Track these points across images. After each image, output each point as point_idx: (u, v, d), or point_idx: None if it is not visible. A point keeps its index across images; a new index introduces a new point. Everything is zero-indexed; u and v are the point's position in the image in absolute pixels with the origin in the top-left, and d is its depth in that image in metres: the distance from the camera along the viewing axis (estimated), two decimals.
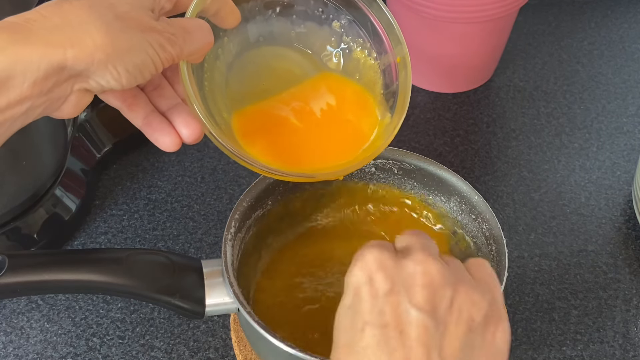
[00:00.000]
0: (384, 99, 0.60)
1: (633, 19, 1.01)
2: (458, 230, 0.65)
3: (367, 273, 0.43)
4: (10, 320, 0.69)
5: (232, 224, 0.60)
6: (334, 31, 0.60)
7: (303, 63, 0.60)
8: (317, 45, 0.60)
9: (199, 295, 0.56)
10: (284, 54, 0.60)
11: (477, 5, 0.80)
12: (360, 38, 0.60)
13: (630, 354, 0.67)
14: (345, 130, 0.59)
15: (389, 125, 0.59)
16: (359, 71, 0.60)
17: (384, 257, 0.44)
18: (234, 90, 0.58)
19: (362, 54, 0.60)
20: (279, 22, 0.59)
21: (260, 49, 0.59)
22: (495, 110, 0.89)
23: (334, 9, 0.59)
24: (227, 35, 0.57)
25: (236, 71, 0.58)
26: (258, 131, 0.57)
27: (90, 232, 0.75)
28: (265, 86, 0.59)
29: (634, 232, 0.76)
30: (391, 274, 0.43)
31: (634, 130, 0.86)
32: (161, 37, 0.45)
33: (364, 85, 0.60)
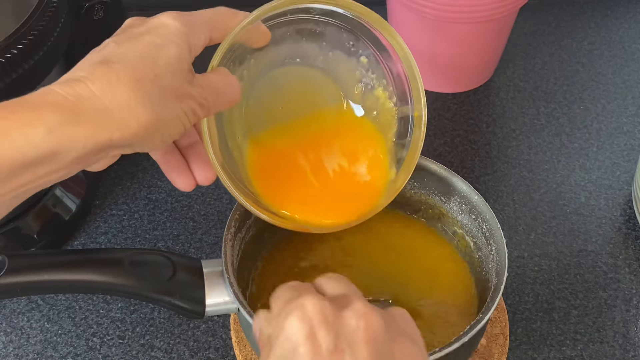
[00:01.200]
0: (394, 149, 0.60)
1: (633, 19, 1.01)
2: (458, 230, 0.65)
3: (309, 326, 0.39)
4: (10, 320, 0.69)
5: (232, 224, 0.60)
6: (361, 65, 0.60)
7: (325, 88, 0.60)
8: (342, 73, 0.60)
9: (199, 295, 0.56)
10: (307, 75, 0.60)
11: (477, 5, 0.80)
12: (384, 79, 0.60)
13: (630, 354, 0.67)
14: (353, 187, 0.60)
15: (393, 182, 0.59)
16: (377, 109, 0.60)
17: (325, 308, 0.40)
18: (253, 110, 0.58)
19: (383, 94, 0.60)
20: (307, 45, 0.59)
21: (285, 69, 0.59)
22: (495, 110, 0.89)
23: (364, 46, 0.59)
24: (254, 57, 0.57)
25: (258, 89, 0.58)
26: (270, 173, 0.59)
27: (90, 232, 0.76)
28: (284, 108, 0.59)
29: (634, 232, 0.76)
30: (334, 329, 0.40)
31: (634, 130, 0.86)
32: (194, 103, 0.47)
33: (379, 126, 0.60)
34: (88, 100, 0.42)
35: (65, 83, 0.42)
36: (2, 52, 0.58)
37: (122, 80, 0.42)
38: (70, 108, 0.41)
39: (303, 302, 0.40)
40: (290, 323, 0.40)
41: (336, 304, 0.41)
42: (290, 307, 0.41)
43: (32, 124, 0.40)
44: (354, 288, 0.45)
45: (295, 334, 0.39)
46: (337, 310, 0.41)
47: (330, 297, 0.43)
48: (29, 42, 0.59)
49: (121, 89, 0.42)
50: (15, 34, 0.59)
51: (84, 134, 0.41)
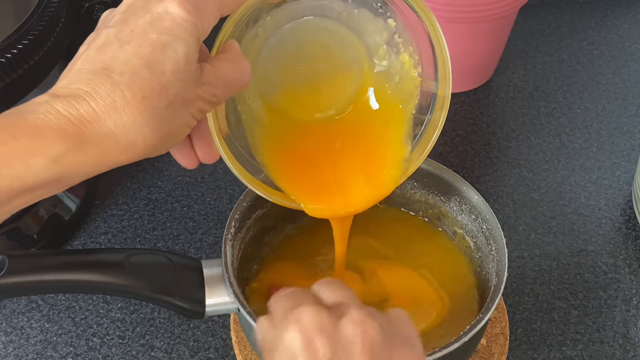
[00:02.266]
0: (412, 123, 0.57)
1: (633, 19, 1.01)
2: (458, 230, 0.65)
3: (307, 336, 0.40)
4: (10, 320, 0.69)
5: (232, 224, 0.60)
6: (388, 27, 0.55)
7: (347, 44, 0.56)
8: (367, 31, 0.56)
9: (199, 295, 0.56)
10: (329, 28, 0.55)
11: (477, 5, 0.80)
12: (411, 46, 0.56)
13: (630, 354, 0.67)
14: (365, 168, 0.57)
15: (405, 161, 0.57)
16: (400, 75, 0.57)
17: (322, 318, 0.41)
18: (266, 67, 0.55)
19: (409, 61, 0.56)
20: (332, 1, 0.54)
21: (304, 22, 0.55)
22: (495, 110, 0.89)
23: (393, 10, 0.55)
24: (270, 15, 0.53)
25: (274, 43, 0.54)
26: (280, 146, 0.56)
27: (90, 232, 0.75)
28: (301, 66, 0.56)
29: (634, 232, 0.76)
30: (332, 338, 0.40)
31: (634, 130, 0.86)
32: (203, 102, 0.44)
33: (401, 94, 0.57)
34: (92, 123, 0.39)
35: (66, 100, 0.39)
36: (2, 52, 0.58)
37: (127, 100, 0.40)
38: (74, 134, 0.39)
39: (301, 314, 0.41)
40: (289, 334, 0.41)
41: (333, 313, 0.42)
42: (289, 318, 0.41)
43: (35, 153, 0.38)
44: (350, 294, 0.45)
45: (294, 345, 0.40)
46: (334, 319, 0.41)
47: (327, 305, 0.43)
48: (29, 42, 0.59)
49: (127, 109, 0.40)
50: (15, 34, 0.59)
51: (89, 160, 0.40)
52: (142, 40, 0.41)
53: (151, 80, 0.40)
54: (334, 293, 0.45)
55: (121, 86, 0.40)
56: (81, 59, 0.42)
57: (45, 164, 0.38)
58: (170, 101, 0.41)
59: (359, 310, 0.42)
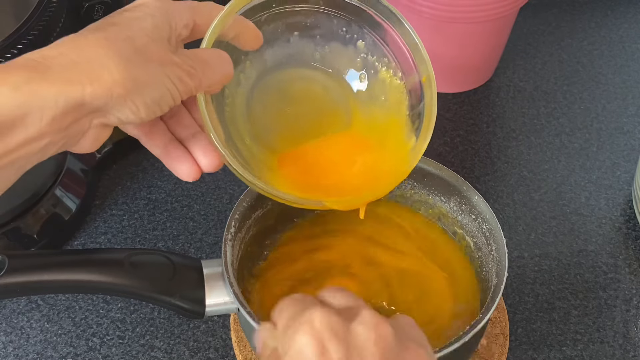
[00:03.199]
0: (410, 120, 0.58)
1: (633, 19, 1.01)
2: (458, 230, 0.65)
3: (318, 340, 0.39)
4: (10, 320, 0.69)
5: (232, 224, 0.60)
6: (359, 50, 0.58)
7: (328, 84, 0.59)
8: (342, 66, 0.59)
9: (199, 295, 0.56)
10: (307, 75, 0.58)
11: (477, 5, 0.80)
12: (385, 57, 0.58)
13: (630, 354, 0.67)
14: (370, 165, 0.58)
15: (414, 149, 0.57)
16: (384, 93, 0.59)
17: (333, 321, 0.40)
18: (257, 115, 0.57)
19: (387, 74, 0.58)
20: (302, 43, 0.57)
21: (283, 72, 0.58)
22: (495, 110, 0.89)
23: (357, 28, 0.57)
24: (249, 59, 0.56)
25: (258, 95, 0.57)
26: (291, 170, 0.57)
27: (90, 232, 0.75)
28: (291, 112, 0.58)
29: (634, 232, 0.76)
30: (345, 342, 0.40)
31: (634, 130, 0.86)
32: (180, 70, 0.44)
33: (390, 107, 0.59)
34: (54, 58, 0.40)
35: (34, 51, 0.41)
36: (2, 52, 0.58)
37: (89, 40, 0.41)
38: (35, 66, 0.40)
39: (311, 317, 0.40)
40: (300, 338, 0.40)
41: (344, 316, 0.41)
42: (299, 321, 0.41)
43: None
44: (359, 300, 0.44)
45: (306, 350, 0.39)
46: (346, 323, 0.41)
47: (337, 309, 0.42)
48: (29, 42, 0.59)
49: (90, 46, 0.41)
50: (15, 34, 0.59)
51: (52, 89, 0.39)
52: (115, 17, 0.44)
53: (117, 32, 0.43)
54: (343, 297, 0.44)
55: (85, 34, 0.42)
56: None
57: (8, 92, 0.39)
58: (137, 48, 0.42)
59: (371, 313, 0.41)
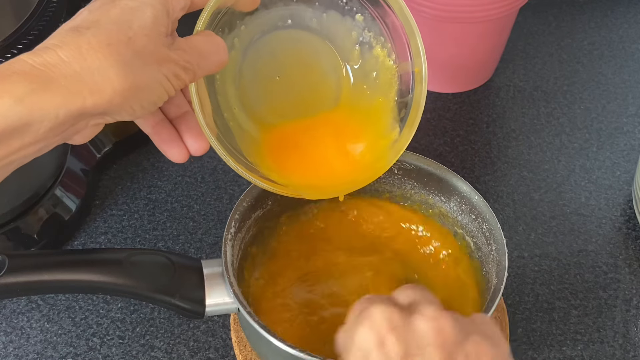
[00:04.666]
0: (397, 108, 0.58)
1: (633, 19, 1.01)
2: (458, 230, 0.65)
3: (377, 334, 0.40)
4: (10, 320, 0.69)
5: (232, 224, 0.60)
6: (357, 24, 0.58)
7: (322, 52, 0.58)
8: (338, 34, 0.58)
9: (199, 295, 0.56)
10: (302, 39, 0.57)
11: (477, 5, 0.79)
12: (382, 36, 0.58)
13: (630, 354, 0.67)
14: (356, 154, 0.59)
15: (395, 143, 0.58)
16: (376, 70, 0.59)
17: (393, 315, 0.41)
18: (247, 80, 0.56)
19: (382, 53, 0.58)
20: (299, 7, 0.56)
21: (278, 34, 0.57)
22: (495, 110, 0.89)
23: (358, 3, 0.57)
24: (244, 23, 0.55)
25: (250, 58, 0.56)
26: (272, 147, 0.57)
27: (90, 232, 0.75)
28: (281, 78, 0.57)
29: (634, 232, 0.76)
30: (403, 335, 0.40)
31: (634, 130, 0.86)
32: (177, 66, 0.45)
33: (379, 86, 0.58)
34: (56, 66, 0.40)
35: (33, 52, 0.41)
36: (2, 52, 0.58)
37: (92, 45, 0.41)
38: (37, 76, 0.39)
39: (371, 312, 0.41)
40: (360, 333, 0.41)
41: (406, 311, 0.42)
42: (361, 317, 0.42)
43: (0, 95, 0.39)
44: (426, 294, 0.44)
45: (365, 343, 0.40)
46: (406, 316, 0.41)
47: (401, 305, 0.43)
48: (29, 42, 0.59)
49: (91, 53, 0.41)
50: (15, 34, 0.59)
51: (54, 101, 0.40)
52: (111, 5, 0.43)
53: (118, 32, 0.42)
54: (411, 293, 0.45)
55: (87, 35, 0.41)
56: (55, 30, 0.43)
57: (11, 104, 0.39)
58: (137, 51, 0.42)
59: (432, 306, 0.42)
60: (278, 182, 0.56)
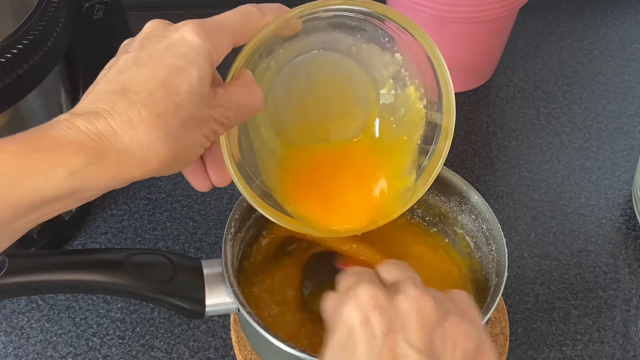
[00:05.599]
0: (417, 152, 0.58)
1: (633, 19, 1.01)
2: (458, 230, 0.65)
3: (363, 312, 0.43)
4: (10, 320, 0.69)
5: (232, 224, 0.60)
6: (395, 61, 0.57)
7: (355, 76, 0.58)
8: (373, 66, 0.58)
9: (199, 295, 0.56)
10: (338, 61, 0.57)
11: (477, 5, 0.80)
12: (416, 79, 0.57)
13: (630, 354, 0.67)
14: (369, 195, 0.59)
15: (409, 190, 0.58)
16: (406, 107, 0.58)
17: (377, 294, 0.43)
18: (277, 100, 0.57)
19: (414, 94, 0.58)
20: (341, 36, 0.56)
21: (314, 55, 0.56)
22: (495, 110, 0.89)
23: (399, 44, 0.56)
24: (282, 48, 0.55)
25: (284, 77, 0.56)
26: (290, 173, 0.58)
27: (90, 232, 0.75)
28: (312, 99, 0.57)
29: (634, 232, 0.76)
30: (387, 314, 0.42)
31: (634, 130, 0.86)
32: (216, 124, 0.46)
33: (406, 125, 0.58)
34: (109, 139, 0.41)
35: (86, 117, 0.41)
36: (2, 52, 0.58)
37: (143, 117, 0.42)
38: (92, 148, 0.41)
39: (357, 291, 0.43)
40: (346, 311, 0.43)
41: (390, 290, 0.44)
42: (347, 296, 0.44)
43: (55, 165, 0.40)
44: (410, 273, 0.46)
45: (350, 321, 0.43)
46: (390, 296, 0.43)
47: (387, 283, 0.45)
48: (29, 42, 0.59)
49: (142, 126, 0.42)
50: (15, 34, 0.59)
51: (106, 175, 0.41)
52: (158, 63, 0.43)
53: (166, 100, 0.42)
54: (395, 271, 0.46)
55: (137, 104, 0.42)
56: (101, 81, 0.44)
57: (65, 176, 0.40)
58: (184, 120, 0.43)
59: (414, 287, 0.44)
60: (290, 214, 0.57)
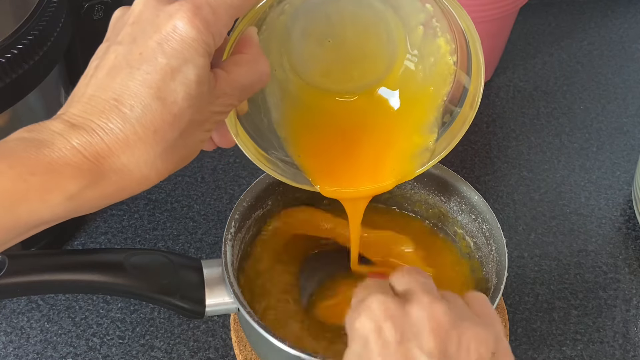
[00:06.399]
0: (442, 109, 0.55)
1: (633, 19, 1.01)
2: (458, 230, 0.65)
3: (375, 322, 0.42)
4: (10, 320, 0.69)
5: (232, 224, 0.60)
6: (426, 10, 0.53)
7: (380, 20, 0.53)
8: (403, 8, 0.53)
9: (199, 295, 0.56)
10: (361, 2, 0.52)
11: (477, 5, 0.79)
12: (448, 34, 0.53)
13: (630, 354, 0.67)
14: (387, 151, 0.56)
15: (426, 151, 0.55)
16: (435, 57, 0.54)
17: (389, 304, 0.43)
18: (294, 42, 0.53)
19: (445, 46, 0.54)
20: None
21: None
22: (495, 110, 0.89)
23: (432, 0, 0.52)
24: None
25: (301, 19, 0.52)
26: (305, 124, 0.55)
27: (90, 232, 0.75)
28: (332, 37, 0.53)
29: (634, 232, 0.76)
30: (400, 322, 0.42)
31: (634, 130, 0.86)
32: (218, 115, 0.44)
33: (433, 76, 0.55)
34: (106, 159, 0.40)
35: (80, 134, 0.40)
36: (2, 52, 0.58)
37: (139, 135, 0.40)
38: (89, 170, 0.39)
39: (369, 303, 0.43)
40: (359, 322, 0.43)
41: (402, 299, 0.44)
42: (360, 308, 0.43)
43: (52, 190, 0.39)
44: (422, 281, 0.45)
45: (364, 331, 0.42)
46: (402, 305, 0.43)
47: (398, 292, 0.45)
48: (29, 42, 0.59)
49: (139, 145, 0.40)
50: (15, 34, 0.59)
51: (103, 195, 0.41)
52: (151, 65, 0.40)
53: (162, 112, 0.40)
54: (406, 279, 0.46)
55: (132, 121, 0.40)
56: (92, 83, 0.41)
57: (62, 200, 0.39)
58: (183, 129, 0.41)
59: (426, 294, 0.43)
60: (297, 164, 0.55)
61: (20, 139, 0.40)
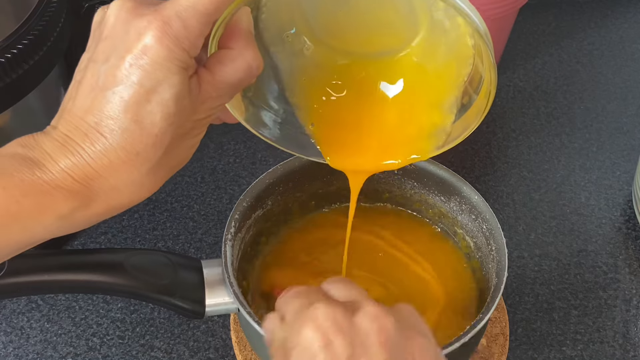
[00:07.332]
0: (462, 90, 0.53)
1: (633, 19, 1.01)
2: (458, 230, 0.65)
3: (324, 335, 0.40)
4: (10, 320, 0.69)
5: (232, 224, 0.60)
6: None
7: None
8: None
9: (199, 295, 0.56)
10: None
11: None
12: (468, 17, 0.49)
13: (630, 354, 0.67)
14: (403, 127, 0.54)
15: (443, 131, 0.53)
16: (457, 34, 0.52)
17: (337, 315, 0.40)
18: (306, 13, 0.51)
19: (465, 26, 0.51)
20: None
21: None
22: (495, 110, 0.89)
23: None
24: None
25: None
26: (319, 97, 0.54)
27: (90, 232, 0.75)
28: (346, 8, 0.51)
29: (634, 232, 0.76)
30: (349, 335, 0.40)
31: (634, 130, 0.86)
32: (206, 118, 0.43)
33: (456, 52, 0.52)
34: (94, 181, 0.41)
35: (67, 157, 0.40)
36: (2, 52, 0.58)
37: (122, 159, 0.40)
38: (79, 192, 0.40)
39: (315, 312, 0.40)
40: (305, 334, 0.40)
41: (348, 309, 0.41)
42: (304, 317, 0.41)
43: (44, 211, 0.40)
44: (360, 290, 0.44)
45: (312, 345, 0.39)
46: (349, 316, 0.41)
47: (338, 300, 0.43)
48: (29, 42, 0.59)
49: (124, 168, 0.41)
50: (15, 34, 0.59)
51: (94, 213, 0.42)
52: (125, 88, 0.39)
53: (142, 135, 0.40)
54: (345, 290, 0.44)
55: (114, 146, 0.40)
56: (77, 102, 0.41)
57: (54, 220, 0.40)
58: (167, 147, 0.41)
59: (373, 305, 0.41)
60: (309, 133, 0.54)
61: (13, 155, 0.40)
